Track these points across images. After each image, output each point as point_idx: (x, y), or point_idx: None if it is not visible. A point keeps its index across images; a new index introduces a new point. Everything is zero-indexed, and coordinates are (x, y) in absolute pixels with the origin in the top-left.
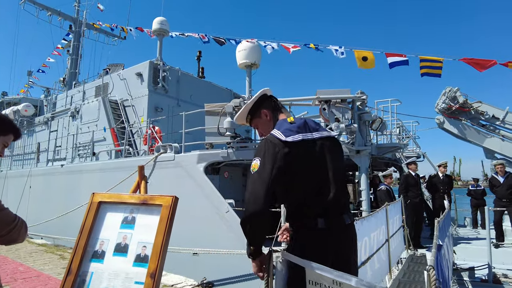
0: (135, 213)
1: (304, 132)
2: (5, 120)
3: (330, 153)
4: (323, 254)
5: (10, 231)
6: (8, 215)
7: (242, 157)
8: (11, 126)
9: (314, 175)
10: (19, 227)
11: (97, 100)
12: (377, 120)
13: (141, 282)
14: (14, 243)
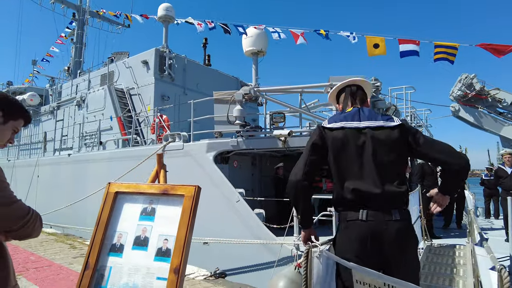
0: (154, 204)
1: (349, 120)
2: (16, 104)
3: (376, 142)
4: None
5: (23, 225)
6: (21, 208)
7: (252, 146)
8: (21, 110)
9: (348, 160)
10: (33, 220)
11: (103, 89)
12: (391, 108)
13: (164, 278)
14: (28, 238)
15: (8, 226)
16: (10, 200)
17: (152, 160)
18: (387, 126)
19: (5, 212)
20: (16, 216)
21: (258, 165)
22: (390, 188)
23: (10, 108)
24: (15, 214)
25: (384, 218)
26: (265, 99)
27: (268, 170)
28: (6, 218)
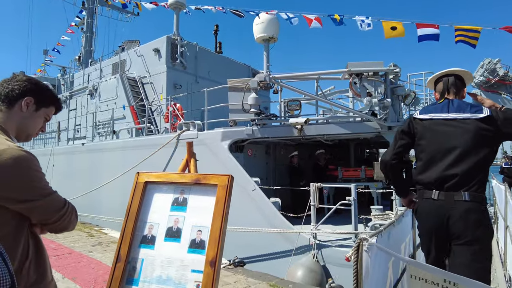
0: (186, 194)
1: (438, 112)
2: (48, 91)
3: (460, 132)
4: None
5: (60, 218)
6: (57, 200)
7: (267, 134)
8: (53, 97)
9: (432, 147)
10: (69, 213)
11: (115, 78)
12: (410, 95)
13: (199, 270)
14: (64, 231)
15: (44, 219)
16: (46, 192)
17: (167, 149)
18: (474, 117)
19: (41, 204)
20: (53, 208)
21: (272, 154)
22: (463, 173)
23: (42, 95)
24: (51, 206)
25: (453, 198)
26: (280, 86)
27: (282, 158)
28: (42, 211)
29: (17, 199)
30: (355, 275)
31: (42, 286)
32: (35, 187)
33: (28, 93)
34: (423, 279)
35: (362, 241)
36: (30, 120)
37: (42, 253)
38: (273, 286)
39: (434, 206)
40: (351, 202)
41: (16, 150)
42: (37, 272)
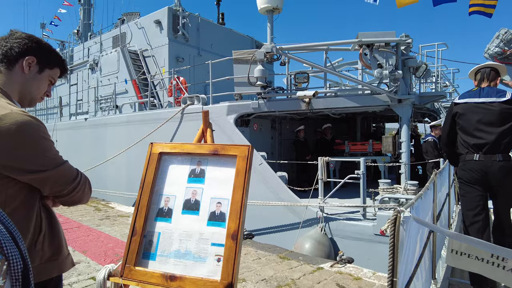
0: (203, 165)
1: (472, 97)
2: (51, 50)
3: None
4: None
5: (73, 190)
6: (69, 171)
7: (273, 108)
8: (58, 57)
9: (467, 124)
10: (83, 185)
11: (116, 51)
12: (422, 66)
13: (219, 244)
14: (78, 204)
15: (56, 191)
16: (57, 162)
17: (171, 123)
18: (498, 101)
19: (52, 175)
20: (65, 180)
21: (278, 128)
22: (496, 141)
23: (45, 55)
24: (63, 177)
25: (491, 159)
26: (287, 57)
27: (287, 133)
28: (53, 182)
29: (24, 169)
30: (391, 248)
31: (60, 260)
32: (44, 156)
33: (30, 52)
34: (466, 253)
35: (399, 214)
36: (34, 83)
37: (56, 226)
38: (283, 258)
39: (476, 164)
40: (360, 176)
41: (20, 114)
42: (52, 246)
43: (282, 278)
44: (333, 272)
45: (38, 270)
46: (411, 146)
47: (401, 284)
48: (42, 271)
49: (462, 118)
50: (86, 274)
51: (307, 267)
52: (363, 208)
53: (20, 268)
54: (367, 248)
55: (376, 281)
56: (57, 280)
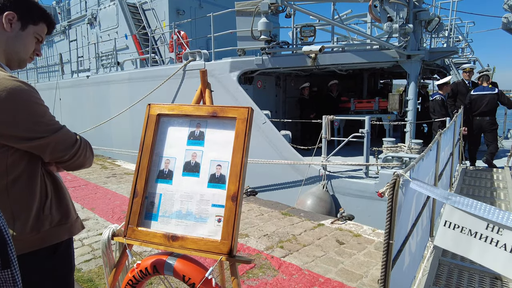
0: (203, 128)
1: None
2: (32, 4)
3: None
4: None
5: (74, 155)
6: (68, 136)
7: (278, 64)
8: (40, 10)
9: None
10: (83, 149)
11: (114, 4)
12: (435, 20)
13: (219, 205)
14: (81, 168)
15: (57, 158)
16: (53, 127)
17: (174, 80)
18: (492, 93)
19: (50, 141)
20: (64, 145)
21: (282, 85)
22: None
23: (25, 9)
24: (62, 143)
25: (485, 119)
26: (293, 9)
27: (292, 90)
28: (52, 149)
29: (20, 137)
30: (389, 212)
31: (69, 224)
32: (39, 123)
33: (7, 7)
34: (459, 226)
35: (399, 178)
36: (18, 41)
37: (62, 191)
38: (285, 214)
39: (477, 121)
40: (364, 134)
41: (9, 80)
42: (60, 211)
43: (284, 234)
44: (334, 229)
45: (48, 233)
46: (417, 104)
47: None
48: (53, 235)
49: (474, 102)
50: (95, 230)
51: (308, 224)
52: (366, 166)
53: None
54: (368, 205)
55: (375, 238)
56: (68, 243)
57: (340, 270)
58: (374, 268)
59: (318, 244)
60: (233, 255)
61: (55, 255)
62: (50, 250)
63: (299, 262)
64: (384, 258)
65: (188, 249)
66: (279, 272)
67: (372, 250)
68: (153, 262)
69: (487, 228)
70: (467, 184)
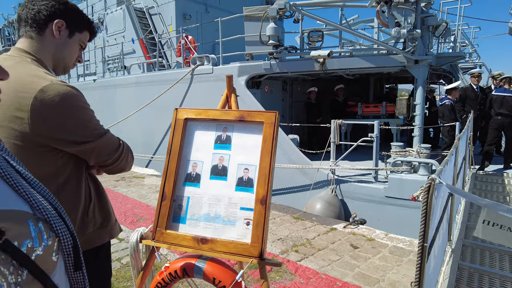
0: (229, 132)
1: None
2: (79, 12)
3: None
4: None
5: (117, 159)
6: (112, 140)
7: (286, 68)
8: (86, 19)
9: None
10: (126, 153)
11: (121, 9)
12: (442, 25)
13: (248, 208)
14: (121, 172)
15: (101, 161)
16: (99, 132)
17: (181, 84)
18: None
19: (96, 146)
20: (109, 149)
21: (289, 90)
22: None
23: (74, 18)
24: (107, 147)
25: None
26: (301, 14)
27: (299, 94)
28: (98, 153)
29: (71, 141)
30: (423, 215)
31: (109, 227)
32: (87, 127)
33: (58, 15)
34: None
35: (433, 181)
36: (65, 48)
37: (103, 194)
38: (297, 218)
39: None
40: (373, 139)
41: (61, 85)
42: (102, 214)
43: (298, 238)
44: (347, 233)
45: (91, 236)
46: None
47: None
48: (96, 237)
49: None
50: None
51: (320, 228)
52: (375, 171)
53: (70, 244)
54: (377, 209)
55: (389, 242)
56: (108, 246)
57: (356, 274)
58: (391, 272)
59: (333, 248)
60: (263, 258)
61: (97, 258)
62: (93, 253)
63: (315, 266)
64: (418, 261)
65: (218, 252)
66: (296, 276)
67: (387, 254)
68: (182, 265)
69: None
70: (479, 189)
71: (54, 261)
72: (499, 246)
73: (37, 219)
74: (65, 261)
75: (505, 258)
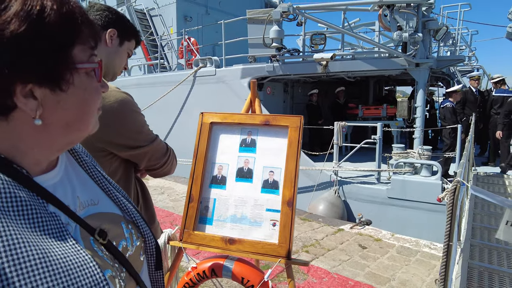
0: (254, 135)
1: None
2: (128, 21)
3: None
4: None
5: (165, 163)
6: (161, 145)
7: (289, 71)
8: (134, 28)
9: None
10: (172, 157)
11: (122, 10)
12: (442, 29)
13: (274, 209)
14: (166, 175)
15: (151, 165)
16: (152, 137)
17: (183, 86)
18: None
19: (148, 150)
20: (159, 154)
21: (290, 92)
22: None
23: (124, 26)
24: (158, 152)
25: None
26: (304, 17)
27: (300, 96)
28: (149, 157)
29: (127, 146)
30: (449, 215)
31: (153, 229)
32: (141, 132)
33: (111, 25)
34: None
35: (459, 184)
36: (116, 56)
37: (149, 197)
38: (304, 219)
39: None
40: (376, 141)
41: (118, 92)
42: (147, 216)
43: (307, 239)
44: (354, 234)
45: None
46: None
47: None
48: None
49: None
50: None
51: (328, 229)
52: (378, 172)
53: (153, 246)
54: (379, 210)
55: (396, 242)
56: None
57: (367, 273)
58: (400, 271)
59: (342, 249)
60: (291, 257)
61: None
62: None
63: (326, 266)
64: (444, 259)
65: (245, 252)
66: (309, 276)
67: (394, 254)
68: (211, 265)
69: None
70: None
71: (141, 261)
72: (506, 245)
73: (127, 221)
74: (148, 261)
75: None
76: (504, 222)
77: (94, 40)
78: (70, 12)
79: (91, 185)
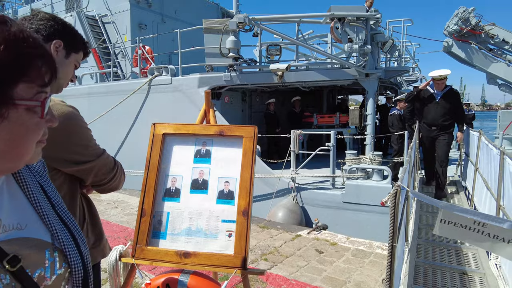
0: (208, 146)
1: None
2: (76, 32)
3: None
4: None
5: (112, 178)
6: (108, 160)
7: (246, 81)
8: (82, 40)
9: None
10: (120, 172)
11: (71, 16)
12: (389, 42)
13: (230, 220)
14: (113, 191)
15: (98, 181)
16: (98, 152)
17: (138, 95)
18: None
19: (94, 165)
20: (106, 169)
21: (248, 101)
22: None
23: (71, 38)
24: (105, 167)
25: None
26: (260, 29)
27: (257, 105)
28: (96, 172)
29: (73, 161)
30: (392, 218)
31: (101, 246)
32: (88, 147)
33: (57, 35)
34: (453, 222)
35: (399, 188)
36: (62, 68)
37: (96, 214)
38: (263, 227)
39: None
40: (330, 148)
41: (63, 105)
42: (94, 234)
43: (265, 247)
44: (311, 239)
45: None
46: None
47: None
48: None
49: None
50: None
51: (286, 235)
52: (333, 178)
53: (80, 276)
54: (335, 215)
55: (351, 245)
56: (98, 266)
57: (324, 277)
58: (355, 273)
59: (300, 255)
60: (246, 267)
61: None
62: None
63: (284, 273)
64: (389, 260)
65: (201, 265)
66: (268, 284)
67: (350, 257)
68: (165, 280)
69: (474, 223)
70: (426, 192)
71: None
72: (447, 242)
73: (54, 249)
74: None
75: (451, 253)
76: (438, 220)
77: (49, 77)
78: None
79: (24, 209)
